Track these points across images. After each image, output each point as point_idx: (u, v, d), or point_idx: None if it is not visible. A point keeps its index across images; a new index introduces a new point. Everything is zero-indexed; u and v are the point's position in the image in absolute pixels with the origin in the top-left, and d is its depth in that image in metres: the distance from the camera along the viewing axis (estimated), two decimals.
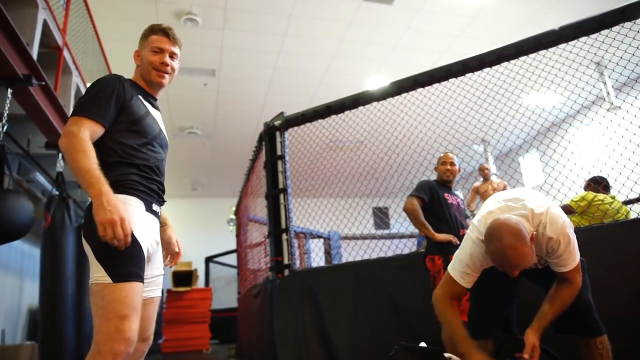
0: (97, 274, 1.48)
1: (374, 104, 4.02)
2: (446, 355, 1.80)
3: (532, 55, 3.41)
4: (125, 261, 1.51)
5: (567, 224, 1.82)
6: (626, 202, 4.72)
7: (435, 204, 3.10)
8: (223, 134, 9.67)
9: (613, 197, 3.92)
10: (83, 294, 4.55)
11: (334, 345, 3.47)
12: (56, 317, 4.06)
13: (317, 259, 6.83)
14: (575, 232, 3.02)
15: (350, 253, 4.93)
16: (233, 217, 8.71)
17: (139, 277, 1.53)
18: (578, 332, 1.86)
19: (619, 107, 6.31)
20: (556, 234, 1.77)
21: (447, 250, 2.83)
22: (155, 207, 1.75)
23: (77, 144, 1.50)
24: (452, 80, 3.64)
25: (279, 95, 8.17)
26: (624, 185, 3.18)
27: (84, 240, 1.56)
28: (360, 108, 4.10)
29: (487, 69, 3.54)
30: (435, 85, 3.72)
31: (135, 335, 1.47)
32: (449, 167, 3.23)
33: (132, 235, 1.52)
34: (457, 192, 3.31)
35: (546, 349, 1.98)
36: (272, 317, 4.02)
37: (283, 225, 4.13)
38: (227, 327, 8.85)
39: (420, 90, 3.80)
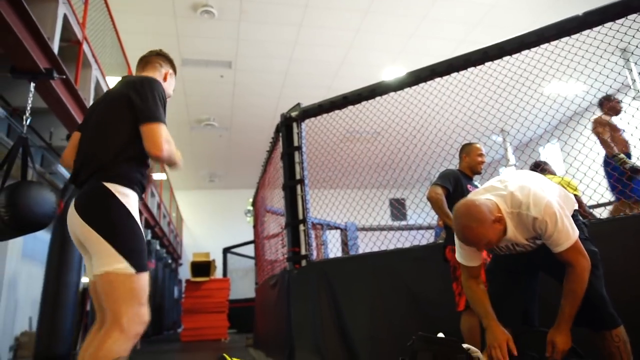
0: (118, 265, 1.61)
1: (391, 94, 3.99)
2: (464, 346, 1.79)
3: (553, 43, 3.33)
4: (142, 254, 1.69)
5: (552, 204, 1.76)
6: None
7: (459, 195, 3.05)
8: (240, 125, 9.71)
9: (561, 177, 4.06)
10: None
11: (351, 336, 3.48)
12: (57, 305, 4.15)
13: (334, 250, 6.84)
14: (593, 223, 2.97)
15: (367, 244, 4.92)
16: (250, 208, 8.76)
17: (147, 268, 1.72)
18: (593, 326, 1.83)
19: None
20: (541, 214, 1.75)
21: None
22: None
23: (173, 147, 1.82)
24: (470, 69, 3.58)
25: (294, 87, 8.16)
26: None
27: (87, 227, 1.64)
28: (377, 98, 4.06)
29: (507, 58, 3.47)
30: (454, 74, 3.66)
31: (147, 319, 1.67)
32: (482, 158, 3.19)
33: (139, 227, 1.71)
34: (476, 183, 3.27)
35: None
36: (289, 307, 4.05)
37: (300, 216, 4.14)
38: (244, 317, 8.95)
39: (438, 80, 3.75)
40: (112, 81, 5.07)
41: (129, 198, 1.71)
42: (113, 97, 1.88)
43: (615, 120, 4.50)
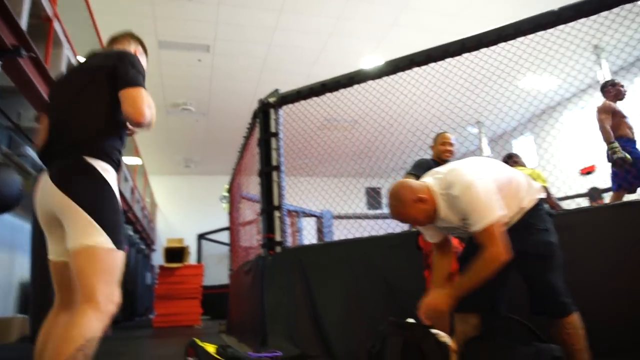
0: (99, 238, 1.55)
1: (370, 82, 3.99)
2: (433, 331, 1.82)
3: (530, 36, 3.38)
4: (121, 230, 1.65)
5: (475, 183, 1.79)
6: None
7: None
8: (217, 111, 9.58)
9: (531, 169, 4.09)
10: None
11: (323, 321, 3.51)
12: (49, 291, 4.08)
13: (309, 237, 6.86)
14: (560, 214, 3.05)
15: (342, 231, 4.95)
16: (226, 194, 8.69)
17: (124, 247, 1.67)
18: (545, 314, 1.89)
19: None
20: (461, 192, 1.79)
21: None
22: None
23: (153, 109, 1.75)
24: (448, 60, 3.61)
25: (273, 73, 8.08)
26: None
27: (67, 198, 1.57)
28: (356, 87, 4.06)
29: (484, 50, 3.51)
30: (432, 64, 3.69)
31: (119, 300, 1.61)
32: (448, 147, 3.22)
33: (119, 205, 1.67)
34: None
35: (525, 323, 2.01)
36: (263, 293, 4.05)
37: (276, 203, 4.13)
38: (218, 304, 8.91)
39: (416, 69, 3.77)
40: None
41: (109, 174, 1.67)
42: (90, 71, 1.80)
43: (619, 106, 4.38)
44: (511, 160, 4.28)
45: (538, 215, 1.94)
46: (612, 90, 4.37)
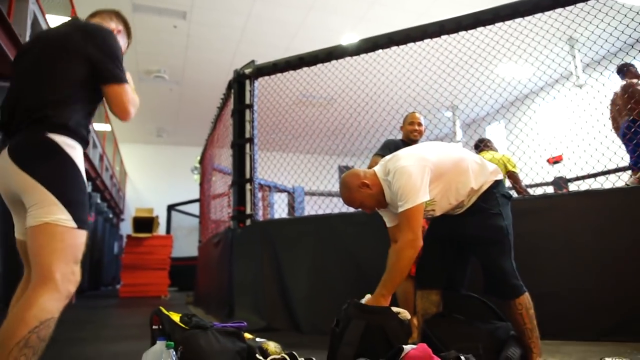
0: (60, 215, 1.47)
1: (348, 59, 3.96)
2: (394, 309, 1.86)
3: (508, 23, 3.41)
4: (84, 208, 1.57)
5: (406, 168, 1.86)
6: (582, 177, 4.92)
7: None
8: (191, 80, 9.36)
9: (501, 155, 4.20)
10: None
11: (291, 295, 3.55)
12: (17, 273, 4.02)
13: (280, 212, 6.86)
14: (527, 199, 3.14)
15: (312, 207, 4.97)
16: (197, 165, 8.58)
17: (87, 226, 1.60)
18: (499, 296, 1.95)
19: (584, 84, 6.46)
20: (393, 178, 1.89)
21: None
22: None
23: (137, 103, 1.74)
24: (427, 41, 3.61)
25: (251, 45, 7.92)
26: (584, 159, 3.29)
27: (25, 174, 1.48)
28: (334, 63, 4.03)
29: (463, 33, 3.52)
30: (410, 45, 3.68)
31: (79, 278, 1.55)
32: (416, 127, 3.22)
33: (84, 182, 1.59)
34: None
35: (486, 302, 2.09)
36: (231, 265, 4.05)
37: (247, 175, 4.10)
38: (186, 275, 8.88)
39: (394, 49, 3.75)
40: (53, 20, 4.69)
41: (75, 150, 1.58)
42: (61, 42, 1.66)
43: None
44: (483, 144, 4.36)
45: (492, 199, 1.97)
46: (632, 70, 4.36)
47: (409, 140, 3.27)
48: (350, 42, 3.81)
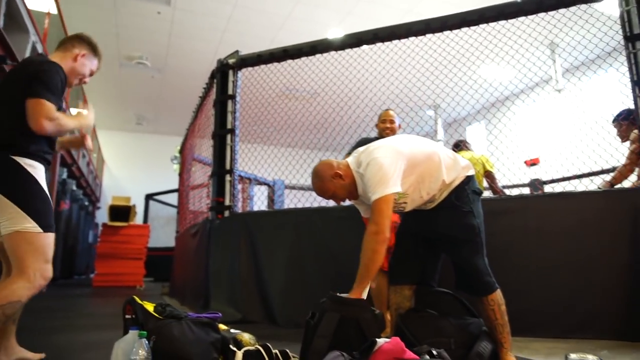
0: (27, 224, 1.82)
1: (332, 54, 3.96)
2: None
3: (492, 25, 3.45)
4: (48, 215, 1.90)
5: (375, 161, 1.86)
6: (557, 180, 5.04)
7: None
8: (174, 68, 9.22)
9: (480, 155, 4.23)
10: None
11: (267, 288, 3.54)
12: None
13: (260, 204, 6.83)
14: (503, 199, 3.19)
15: (292, 200, 4.96)
16: (177, 155, 8.47)
17: (54, 228, 1.94)
18: (470, 292, 1.98)
19: (563, 88, 6.60)
20: (365, 170, 1.90)
21: None
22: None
23: (60, 119, 1.92)
24: (412, 39, 3.63)
25: (236, 35, 7.84)
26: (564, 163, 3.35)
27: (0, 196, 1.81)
28: (318, 57, 4.02)
29: (447, 32, 3.55)
30: (395, 42, 3.70)
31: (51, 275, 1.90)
32: (388, 124, 3.22)
33: (46, 193, 1.92)
34: None
35: (458, 298, 2.12)
36: (208, 257, 4.03)
37: (227, 167, 4.07)
38: (163, 266, 8.78)
39: (379, 45, 3.77)
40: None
41: (35, 169, 1.89)
42: (16, 77, 1.96)
43: None
44: (462, 144, 4.41)
45: (464, 195, 1.98)
46: None
47: (382, 137, 3.27)
48: (335, 37, 3.81)
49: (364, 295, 1.86)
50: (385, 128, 3.21)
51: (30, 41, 4.38)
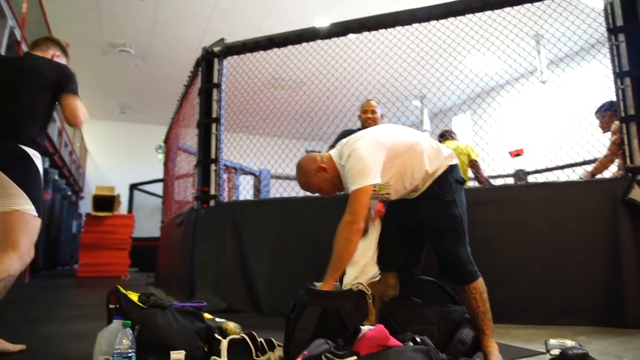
0: (27, 206, 2.08)
1: (319, 43, 3.93)
2: (352, 283, 1.86)
3: (478, 15, 3.46)
4: (42, 205, 2.16)
5: (354, 152, 1.86)
6: (540, 171, 5.10)
7: None
8: (158, 56, 9.08)
9: (465, 144, 4.28)
10: None
11: (252, 277, 3.54)
12: None
13: (245, 194, 6.80)
14: (488, 189, 3.22)
15: (278, 190, 4.95)
16: (162, 144, 8.37)
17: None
18: (452, 280, 2.01)
19: (547, 80, 6.66)
20: (347, 159, 1.90)
21: None
22: None
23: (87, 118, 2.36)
24: (398, 29, 3.62)
25: (222, 23, 7.74)
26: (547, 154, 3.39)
27: (5, 176, 2.05)
28: (305, 46, 3.99)
29: (434, 22, 3.55)
30: (382, 31, 3.68)
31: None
32: (369, 115, 3.22)
33: (42, 183, 2.17)
34: None
35: (442, 286, 2.15)
36: (193, 246, 4.01)
37: (213, 156, 4.04)
38: (148, 256, 8.70)
39: (366, 34, 3.75)
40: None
41: (38, 159, 2.15)
42: (34, 74, 2.20)
43: None
44: (448, 134, 4.44)
45: (446, 185, 1.99)
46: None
47: (364, 128, 3.28)
48: (322, 26, 3.78)
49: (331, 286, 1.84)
50: (367, 118, 3.21)
51: (8, 26, 4.28)
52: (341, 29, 3.67)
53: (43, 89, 2.19)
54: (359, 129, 3.25)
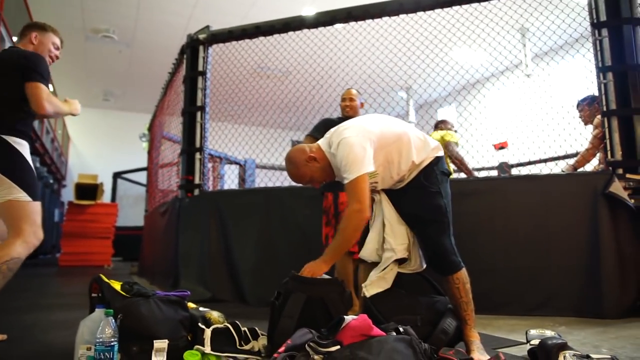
0: (18, 194, 2.15)
1: (306, 33, 3.90)
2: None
3: (465, 7, 3.46)
4: (35, 187, 2.24)
5: (346, 140, 1.87)
6: (523, 164, 5.16)
7: None
8: (142, 43, 8.91)
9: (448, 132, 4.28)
10: None
11: (237, 266, 3.54)
12: None
13: (230, 182, 6.77)
14: (471, 181, 3.25)
15: (263, 180, 4.94)
16: (146, 132, 8.27)
17: (40, 197, 2.28)
18: (436, 270, 2.03)
19: (532, 73, 6.72)
20: (336, 150, 1.91)
21: (336, 187, 2.94)
22: None
23: (56, 102, 2.32)
24: (385, 19, 3.61)
25: (207, 10, 7.62)
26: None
27: None
28: (291, 35, 3.96)
29: (421, 13, 3.55)
30: (369, 22, 3.67)
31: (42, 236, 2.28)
32: (348, 102, 3.22)
33: (32, 167, 2.23)
34: None
35: (426, 277, 2.16)
36: (177, 235, 3.98)
37: (197, 144, 4.01)
38: (132, 245, 8.62)
39: (353, 24, 3.73)
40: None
41: (22, 146, 2.20)
42: (5, 63, 2.25)
43: None
44: (442, 124, 4.42)
45: (432, 176, 2.00)
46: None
47: (344, 116, 3.27)
48: (308, 14, 3.75)
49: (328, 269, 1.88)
50: (345, 106, 3.21)
51: None
52: (328, 18, 3.65)
53: (15, 77, 2.21)
54: (339, 118, 3.24)
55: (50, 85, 2.33)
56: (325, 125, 3.15)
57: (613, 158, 2.88)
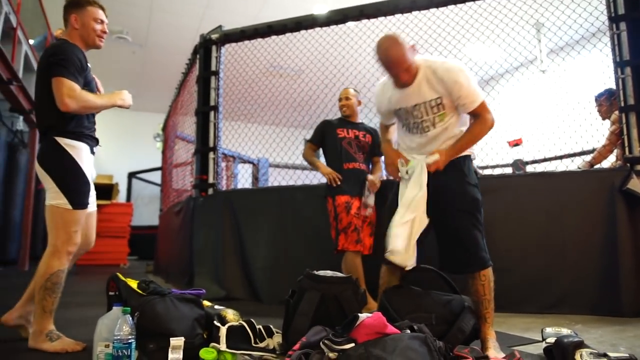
0: (60, 200, 2.02)
1: (318, 31, 3.90)
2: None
3: (478, 3, 3.43)
4: (81, 194, 2.09)
5: (462, 67, 1.97)
6: (538, 160, 5.10)
7: (328, 141, 3.16)
8: (156, 44, 8.99)
9: None
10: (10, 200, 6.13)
11: (250, 265, 3.56)
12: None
13: (244, 182, 6.80)
14: (486, 178, 3.22)
15: (276, 178, 4.95)
16: (160, 132, 8.34)
17: (86, 205, 2.13)
18: (460, 268, 2.00)
19: (547, 69, 6.64)
20: (444, 66, 1.95)
21: (334, 192, 2.93)
22: (94, 149, 2.27)
23: (83, 96, 2.06)
24: (398, 16, 3.59)
25: (219, 10, 7.65)
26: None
27: (40, 168, 2.06)
28: (304, 34, 3.96)
29: (434, 10, 3.52)
30: (381, 19, 3.65)
31: (80, 241, 2.13)
32: (344, 102, 3.22)
33: (83, 173, 2.09)
34: (362, 126, 3.26)
35: (442, 275, 2.14)
36: (192, 234, 4.02)
37: (211, 144, 4.03)
38: (147, 244, 8.73)
39: (365, 22, 3.72)
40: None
41: (75, 149, 2.07)
42: (41, 64, 2.12)
43: None
44: None
45: (472, 170, 2.06)
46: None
47: (343, 116, 3.27)
48: (320, 13, 3.75)
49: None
50: (342, 106, 3.24)
51: (3, 12, 4.23)
52: (340, 16, 3.64)
53: (48, 75, 2.05)
54: (339, 119, 3.24)
55: (87, 75, 2.17)
56: (323, 128, 3.17)
57: (631, 154, 2.83)
